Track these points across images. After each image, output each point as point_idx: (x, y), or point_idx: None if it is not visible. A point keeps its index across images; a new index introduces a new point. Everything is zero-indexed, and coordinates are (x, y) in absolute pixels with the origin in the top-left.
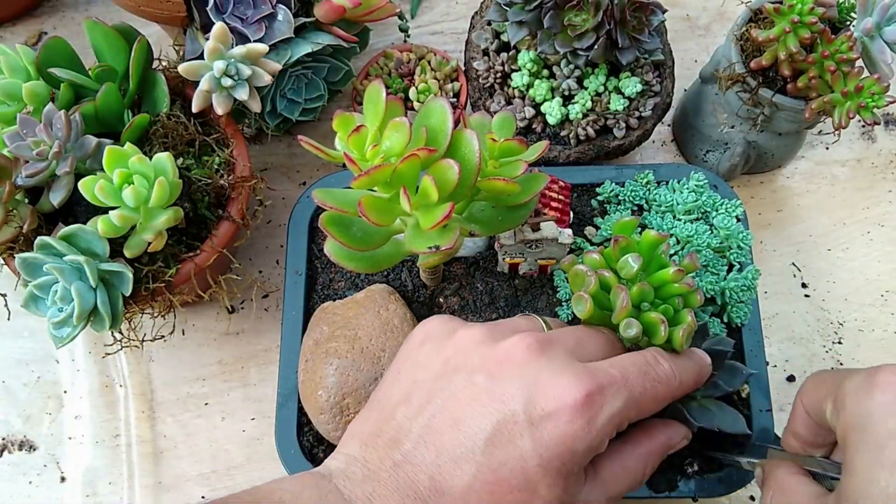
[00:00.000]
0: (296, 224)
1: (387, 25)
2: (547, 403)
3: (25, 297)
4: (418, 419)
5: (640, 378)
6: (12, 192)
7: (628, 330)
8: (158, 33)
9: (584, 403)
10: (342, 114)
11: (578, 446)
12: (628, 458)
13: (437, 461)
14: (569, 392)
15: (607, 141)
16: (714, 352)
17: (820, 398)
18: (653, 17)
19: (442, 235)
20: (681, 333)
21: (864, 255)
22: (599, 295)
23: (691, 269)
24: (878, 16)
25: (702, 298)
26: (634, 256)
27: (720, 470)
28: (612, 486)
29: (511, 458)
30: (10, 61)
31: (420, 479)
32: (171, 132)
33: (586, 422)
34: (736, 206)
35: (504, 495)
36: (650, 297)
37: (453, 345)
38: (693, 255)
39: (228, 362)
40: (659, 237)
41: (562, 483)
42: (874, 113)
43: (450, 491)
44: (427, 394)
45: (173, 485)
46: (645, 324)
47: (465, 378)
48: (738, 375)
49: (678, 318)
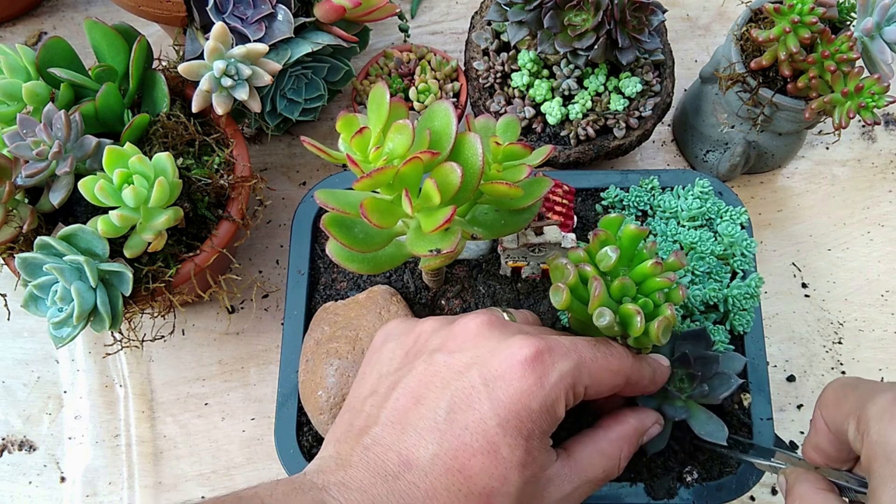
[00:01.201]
0: (299, 224)
1: (387, 25)
2: (499, 364)
3: (25, 297)
4: (385, 405)
5: (590, 348)
6: (12, 192)
7: (601, 319)
8: (158, 33)
9: (534, 360)
10: (346, 115)
11: (533, 403)
12: (601, 442)
13: (402, 437)
14: (519, 351)
15: (607, 141)
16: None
17: (842, 416)
18: (653, 17)
19: (443, 239)
20: (657, 325)
21: (864, 256)
22: (579, 288)
23: (676, 266)
24: (878, 16)
25: (684, 295)
26: (612, 248)
27: (720, 477)
28: (587, 469)
29: (472, 422)
30: (10, 61)
31: (389, 456)
32: (171, 132)
33: (538, 377)
34: (740, 213)
35: (468, 459)
36: (631, 291)
37: (414, 336)
38: (679, 253)
39: (228, 362)
40: (639, 231)
41: (523, 444)
42: (874, 113)
43: (417, 463)
44: (392, 382)
45: (173, 485)
46: (621, 315)
47: (425, 360)
48: (725, 384)
49: (657, 311)
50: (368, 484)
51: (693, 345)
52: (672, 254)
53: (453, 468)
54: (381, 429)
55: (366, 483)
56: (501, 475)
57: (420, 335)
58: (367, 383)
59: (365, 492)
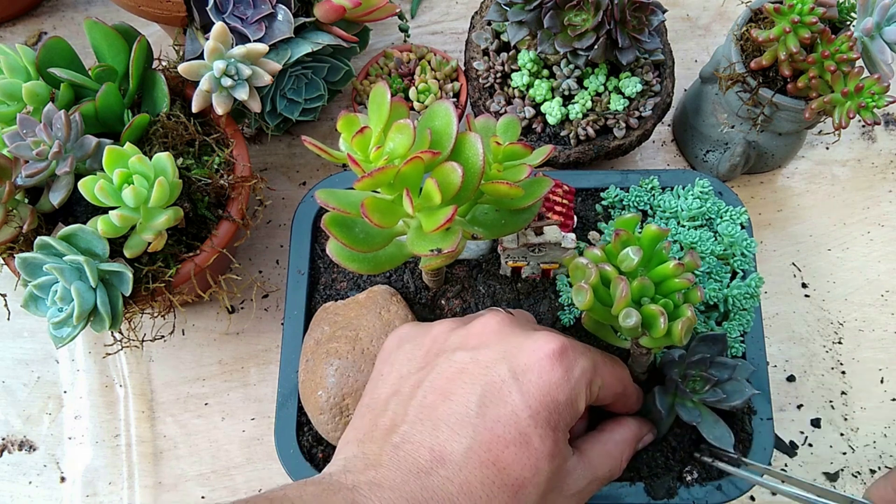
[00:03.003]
0: (299, 224)
1: (387, 25)
2: (528, 358)
3: (25, 297)
4: (411, 402)
5: (599, 353)
6: (12, 192)
7: (627, 319)
8: (158, 33)
9: (560, 354)
10: (346, 115)
11: (560, 396)
12: (607, 443)
13: (434, 433)
14: (546, 345)
15: (607, 141)
16: (709, 336)
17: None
18: (653, 17)
19: (444, 238)
20: (680, 327)
21: (864, 256)
22: (599, 289)
23: (692, 266)
24: (878, 16)
25: (702, 295)
26: (635, 249)
27: (720, 477)
28: (597, 467)
29: (503, 415)
30: (10, 61)
31: (421, 453)
32: (171, 132)
33: (565, 370)
34: (740, 213)
35: (501, 451)
36: (650, 291)
37: (430, 338)
38: (693, 253)
39: (228, 362)
40: (660, 231)
41: (552, 434)
42: (874, 113)
43: (450, 457)
44: (415, 381)
45: (173, 485)
46: (644, 316)
47: (447, 358)
48: (740, 391)
49: (678, 312)
50: (401, 482)
51: (709, 347)
52: (687, 254)
53: (487, 460)
54: (410, 426)
55: (398, 481)
56: (533, 465)
57: (437, 336)
58: (386, 384)
59: (398, 489)
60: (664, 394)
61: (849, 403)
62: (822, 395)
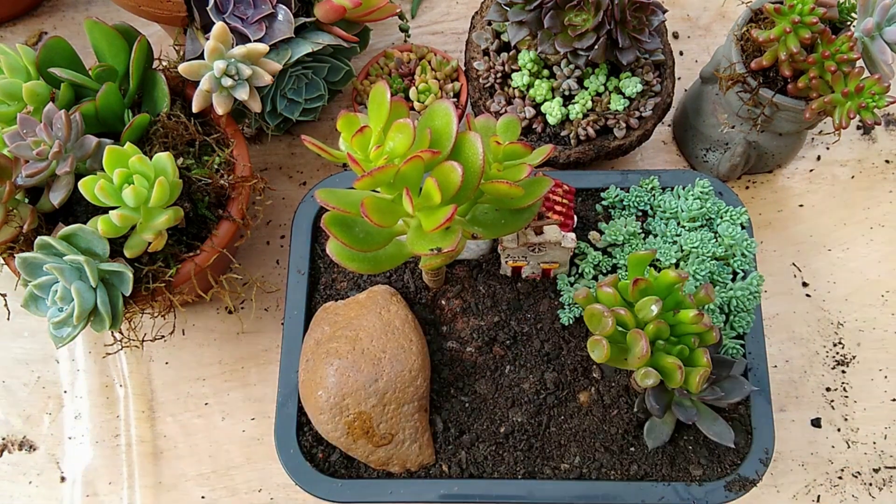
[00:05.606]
0: (299, 224)
1: (387, 25)
2: None
3: (25, 297)
4: None
5: None
6: (12, 191)
7: (646, 380)
8: (158, 33)
9: None
10: (346, 114)
11: None
12: None
13: None
14: None
15: (608, 141)
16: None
17: None
18: (653, 17)
19: (444, 237)
20: (697, 378)
21: (864, 256)
22: (615, 334)
23: (706, 301)
24: (878, 16)
25: (718, 336)
26: (656, 302)
27: (723, 476)
28: None
29: None
30: (10, 61)
31: None
32: (171, 132)
33: None
34: (741, 213)
35: None
36: (665, 333)
37: None
38: (708, 287)
39: (228, 362)
40: (677, 278)
41: None
42: (874, 113)
43: None
44: None
45: (173, 485)
46: (661, 368)
47: None
48: (738, 388)
49: (694, 358)
50: None
51: (723, 372)
52: (702, 288)
53: None
54: None
55: None
56: None
57: None
58: None
59: None
60: (661, 392)
61: (849, 403)
62: (822, 395)
